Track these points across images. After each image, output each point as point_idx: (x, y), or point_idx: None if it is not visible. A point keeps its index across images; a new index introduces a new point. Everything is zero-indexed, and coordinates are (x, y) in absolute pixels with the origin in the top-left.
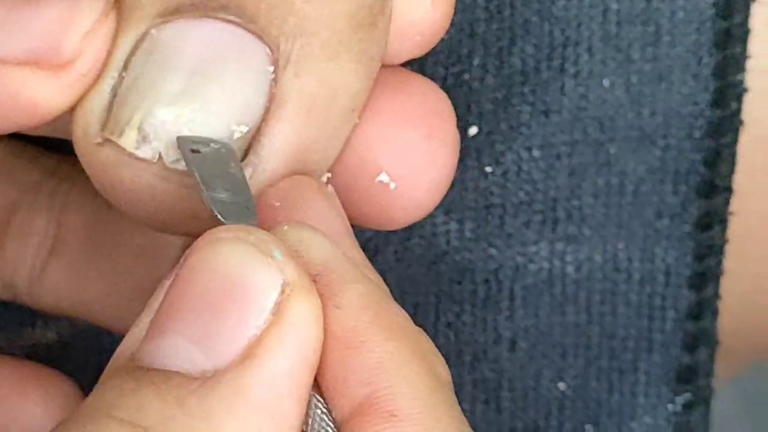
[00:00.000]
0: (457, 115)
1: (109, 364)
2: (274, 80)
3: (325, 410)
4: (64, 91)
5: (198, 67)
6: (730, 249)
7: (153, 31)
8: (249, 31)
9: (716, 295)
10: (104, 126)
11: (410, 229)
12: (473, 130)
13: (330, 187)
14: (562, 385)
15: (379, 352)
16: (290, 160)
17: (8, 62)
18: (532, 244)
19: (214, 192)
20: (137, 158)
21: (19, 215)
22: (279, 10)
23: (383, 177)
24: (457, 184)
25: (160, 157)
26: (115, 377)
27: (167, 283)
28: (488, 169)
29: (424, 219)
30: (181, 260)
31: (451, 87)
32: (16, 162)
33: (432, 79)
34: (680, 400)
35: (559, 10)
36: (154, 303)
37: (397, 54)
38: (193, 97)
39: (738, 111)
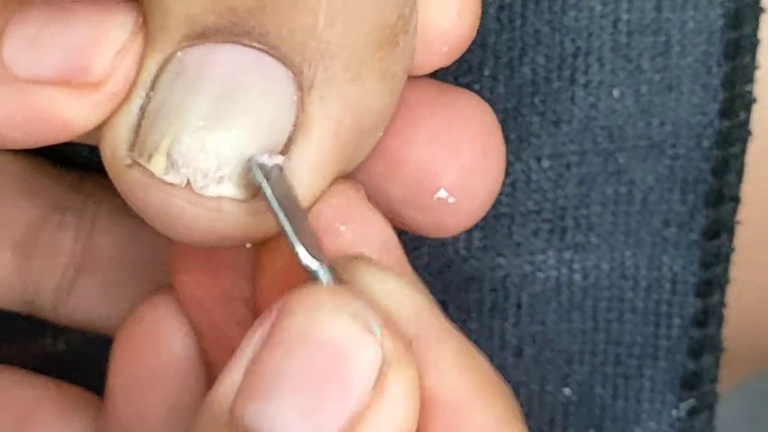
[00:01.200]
0: None
1: (203, 408)
2: (300, 104)
3: None
4: (94, 109)
5: (223, 92)
6: (736, 258)
7: (179, 53)
8: (272, 56)
9: (722, 303)
10: (132, 147)
11: (419, 238)
12: None
13: (361, 189)
14: (567, 391)
15: (480, 419)
16: (318, 182)
17: (39, 81)
18: (540, 253)
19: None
20: (166, 183)
21: (45, 233)
22: (300, 34)
23: (442, 193)
24: None
25: (188, 182)
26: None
27: (257, 334)
28: None
29: None
30: (275, 314)
31: None
32: (40, 179)
33: None
34: (684, 406)
35: (570, 21)
36: (245, 353)
37: (424, 65)
38: (218, 123)
39: (746, 121)
